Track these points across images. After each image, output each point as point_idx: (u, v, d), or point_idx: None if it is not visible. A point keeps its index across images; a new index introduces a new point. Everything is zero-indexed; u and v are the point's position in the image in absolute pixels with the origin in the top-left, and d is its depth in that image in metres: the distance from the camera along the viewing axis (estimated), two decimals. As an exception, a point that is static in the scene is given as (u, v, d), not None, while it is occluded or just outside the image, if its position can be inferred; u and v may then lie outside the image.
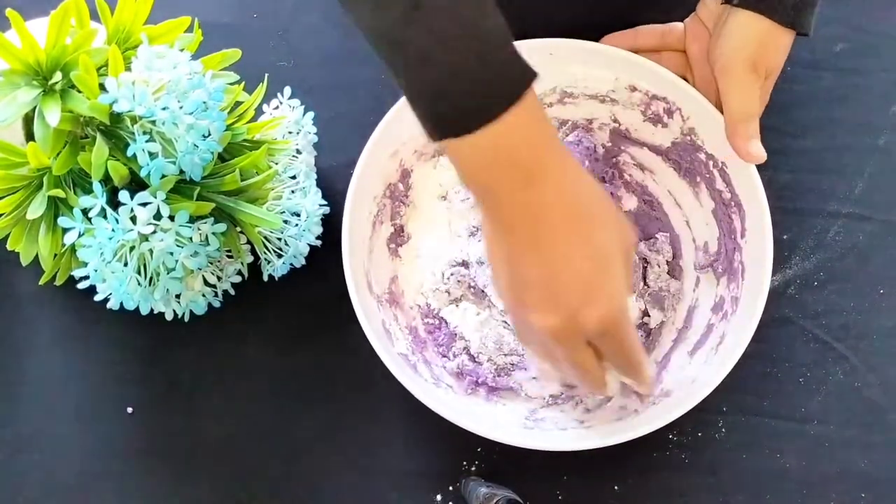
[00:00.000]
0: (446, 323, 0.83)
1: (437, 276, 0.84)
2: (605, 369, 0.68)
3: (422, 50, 0.54)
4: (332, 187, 0.86)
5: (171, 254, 0.71)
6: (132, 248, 0.70)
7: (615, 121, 0.84)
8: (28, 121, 0.72)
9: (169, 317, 0.79)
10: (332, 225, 0.82)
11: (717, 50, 0.76)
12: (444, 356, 0.83)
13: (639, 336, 0.61)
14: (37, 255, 0.75)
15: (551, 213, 0.59)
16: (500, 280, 0.64)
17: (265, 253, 0.80)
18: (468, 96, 0.55)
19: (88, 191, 0.71)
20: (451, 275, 0.83)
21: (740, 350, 0.72)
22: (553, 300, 0.61)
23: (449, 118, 0.56)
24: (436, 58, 0.55)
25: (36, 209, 0.71)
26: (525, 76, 0.57)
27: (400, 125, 0.78)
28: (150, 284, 0.73)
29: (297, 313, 0.86)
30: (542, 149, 0.59)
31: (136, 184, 0.72)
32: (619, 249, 0.62)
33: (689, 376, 0.76)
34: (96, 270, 0.70)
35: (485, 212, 0.62)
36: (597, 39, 0.80)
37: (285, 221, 0.78)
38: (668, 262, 0.84)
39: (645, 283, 0.84)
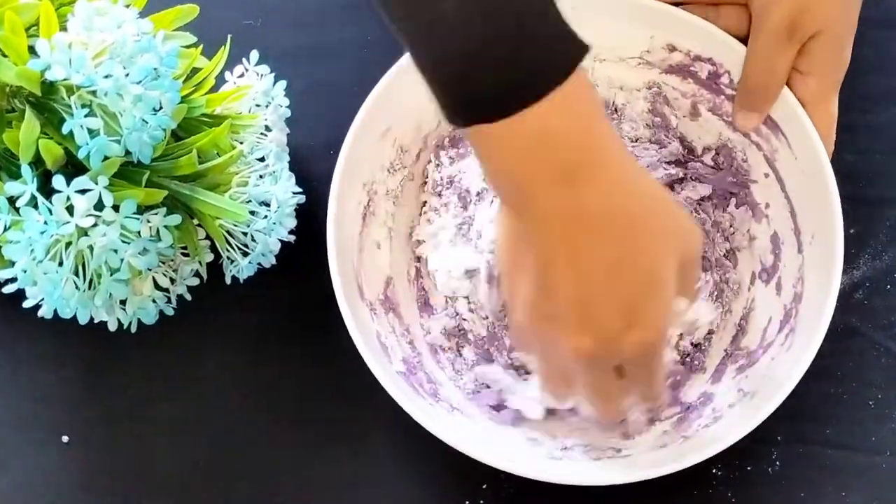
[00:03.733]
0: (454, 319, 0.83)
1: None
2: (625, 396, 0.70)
3: (447, 12, 0.51)
4: (309, 171, 0.85)
5: (116, 251, 0.70)
6: (68, 245, 0.69)
7: (650, 87, 0.83)
8: (-57, 92, 0.72)
9: (112, 327, 0.78)
10: (307, 217, 0.81)
11: (752, 3, 0.75)
12: (451, 371, 0.81)
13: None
14: (-48, 254, 0.74)
15: (598, 219, 0.57)
16: (517, 287, 0.62)
17: (228, 250, 0.79)
18: (506, 71, 0.52)
19: (16, 176, 0.70)
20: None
21: (804, 366, 0.70)
22: (590, 322, 0.59)
23: (479, 98, 0.53)
24: (467, 22, 0.51)
25: (-48, 198, 0.71)
26: (575, 47, 0.54)
27: (394, 97, 0.77)
28: (90, 288, 0.72)
29: (266, 322, 0.85)
30: (592, 137, 0.56)
31: (74, 167, 0.71)
32: (675, 260, 0.60)
33: (742, 395, 0.75)
34: (25, 271, 0.69)
35: (512, 208, 0.60)
36: None
37: (252, 212, 0.77)
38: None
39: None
